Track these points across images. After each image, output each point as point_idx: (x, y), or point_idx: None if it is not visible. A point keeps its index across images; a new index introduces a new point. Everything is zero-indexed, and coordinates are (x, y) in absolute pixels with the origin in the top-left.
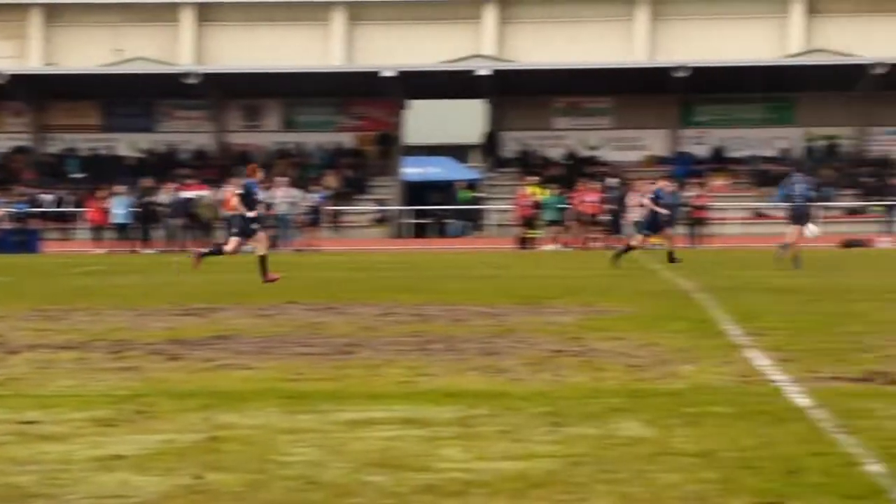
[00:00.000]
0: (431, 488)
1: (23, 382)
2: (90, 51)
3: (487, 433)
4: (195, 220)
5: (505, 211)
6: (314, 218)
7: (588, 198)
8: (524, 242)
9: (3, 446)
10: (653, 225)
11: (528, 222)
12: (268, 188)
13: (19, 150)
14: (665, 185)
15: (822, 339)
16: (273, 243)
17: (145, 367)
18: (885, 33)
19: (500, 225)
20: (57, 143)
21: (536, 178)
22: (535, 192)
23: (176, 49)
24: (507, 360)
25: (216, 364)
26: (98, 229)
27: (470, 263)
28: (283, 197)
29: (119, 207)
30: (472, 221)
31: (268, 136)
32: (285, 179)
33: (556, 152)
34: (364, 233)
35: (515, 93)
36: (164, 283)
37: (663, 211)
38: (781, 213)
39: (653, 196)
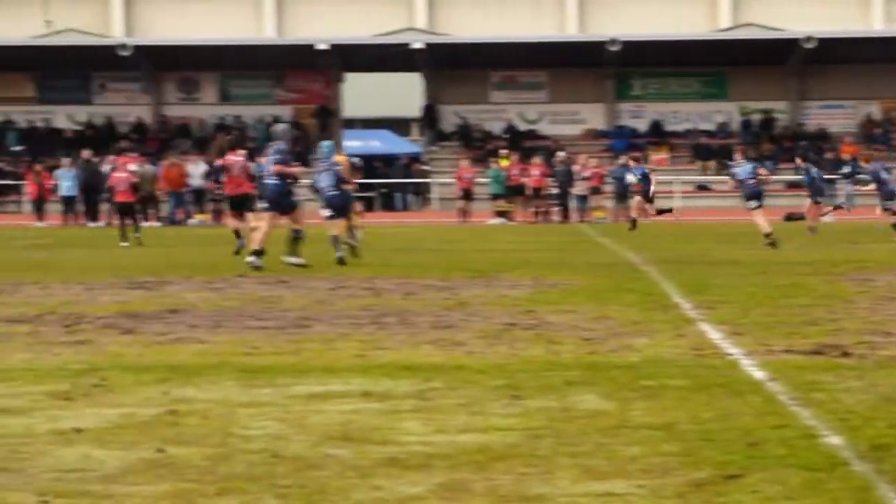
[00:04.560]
0: (394, 461)
1: None
2: (20, 22)
3: (446, 406)
4: (137, 193)
5: (447, 184)
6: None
7: (533, 171)
8: (464, 215)
9: None
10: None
11: (468, 195)
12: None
13: None
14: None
15: (772, 313)
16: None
17: (99, 340)
18: (814, 9)
19: (441, 199)
20: None
21: (506, 151)
22: (504, 163)
23: (107, 21)
24: (462, 333)
25: (170, 338)
26: (39, 202)
27: (418, 236)
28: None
29: (65, 180)
30: (419, 195)
31: (206, 108)
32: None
33: (495, 126)
34: (308, 206)
35: (451, 66)
36: (111, 256)
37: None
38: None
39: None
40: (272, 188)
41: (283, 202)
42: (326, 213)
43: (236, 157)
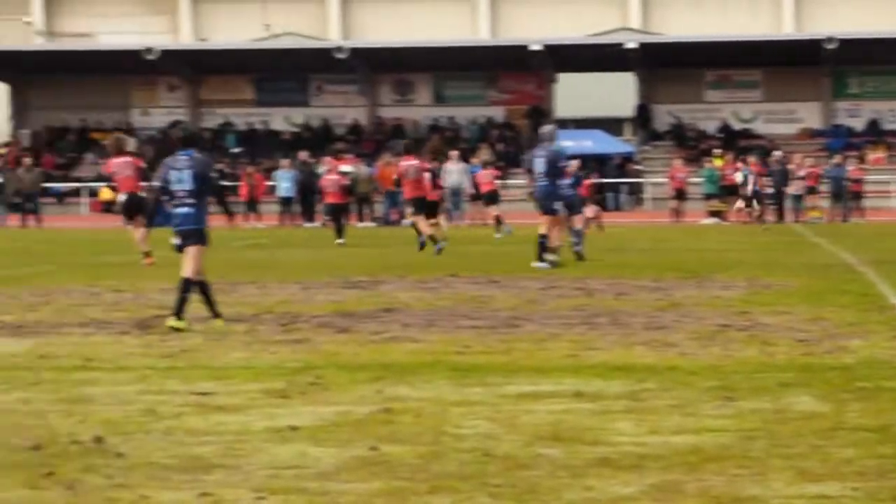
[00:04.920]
0: (606, 461)
1: (197, 354)
2: (239, 26)
3: (658, 407)
4: (352, 195)
5: (660, 184)
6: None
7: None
8: (677, 214)
9: (182, 417)
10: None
11: (681, 194)
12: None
13: (176, 125)
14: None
15: None
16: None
17: (315, 339)
18: None
19: (654, 198)
20: (213, 118)
21: (720, 150)
22: (718, 163)
23: (324, 24)
24: (675, 334)
25: (384, 336)
26: (251, 203)
27: (630, 237)
28: (454, 170)
29: (283, 181)
30: (632, 195)
31: (419, 110)
32: (456, 153)
33: (709, 125)
34: (520, 206)
35: (665, 65)
36: (327, 256)
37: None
38: None
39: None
40: (540, 189)
41: (548, 205)
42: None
43: (411, 162)
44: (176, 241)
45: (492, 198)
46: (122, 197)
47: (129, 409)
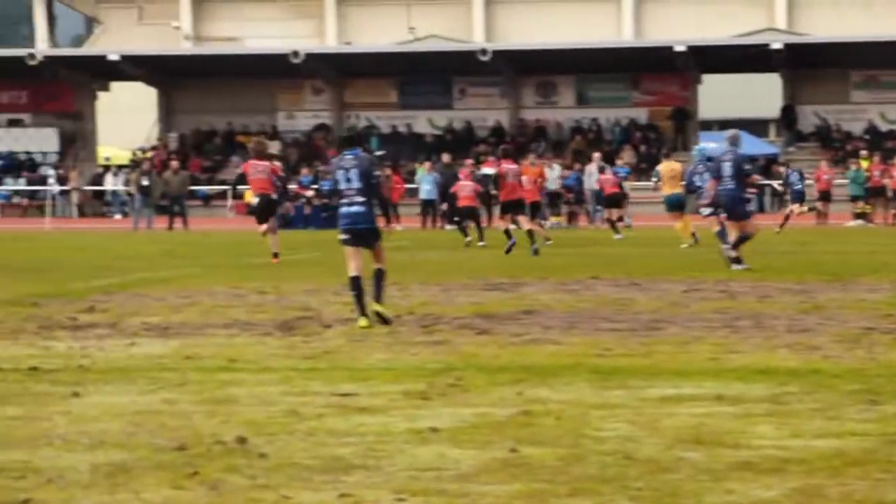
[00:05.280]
0: (748, 465)
1: (338, 355)
2: (383, 29)
3: (801, 411)
4: (490, 198)
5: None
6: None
7: (895, 172)
8: (822, 216)
9: (323, 418)
10: None
11: (826, 196)
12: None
13: (320, 128)
14: None
15: None
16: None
17: (455, 340)
18: None
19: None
20: (356, 121)
21: (866, 151)
22: (865, 164)
23: (468, 27)
24: (818, 337)
25: (525, 339)
26: (393, 205)
27: (773, 239)
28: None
29: (425, 184)
30: (776, 196)
31: (562, 111)
32: (598, 155)
33: (855, 126)
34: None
35: (810, 66)
36: (467, 258)
37: None
38: None
39: None
40: (727, 193)
41: (737, 209)
42: (706, 211)
43: (510, 165)
44: (345, 237)
45: (614, 201)
46: (255, 199)
47: (271, 410)
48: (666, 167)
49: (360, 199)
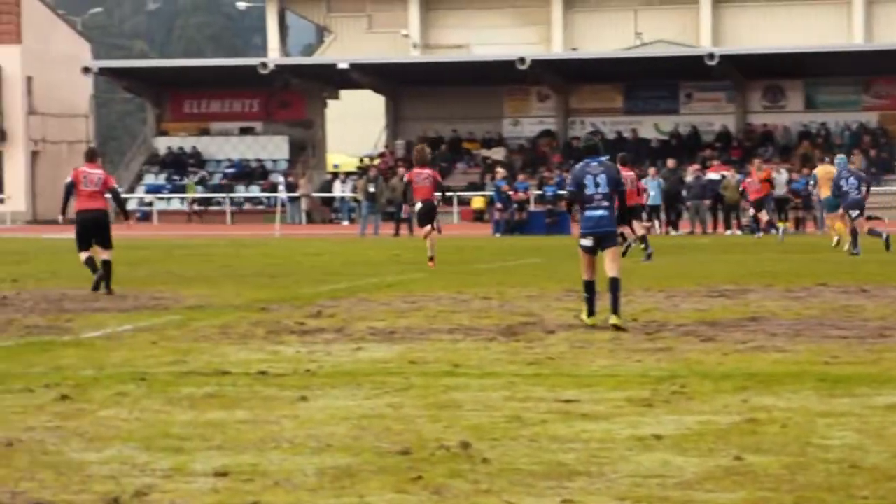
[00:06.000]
0: None
1: (561, 362)
2: (609, 35)
3: None
4: (721, 202)
5: None
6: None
7: None
8: None
9: (546, 424)
10: None
11: None
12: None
13: (546, 134)
14: None
15: None
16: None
17: (679, 347)
18: None
19: None
20: (582, 127)
21: None
22: None
23: (695, 31)
24: None
25: (750, 346)
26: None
27: None
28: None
29: (650, 189)
30: None
31: (790, 116)
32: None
33: None
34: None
35: None
36: (693, 264)
37: None
38: None
39: None
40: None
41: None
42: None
43: (627, 172)
44: (588, 242)
45: (760, 205)
46: (418, 205)
47: (494, 416)
48: (822, 170)
49: (606, 203)
